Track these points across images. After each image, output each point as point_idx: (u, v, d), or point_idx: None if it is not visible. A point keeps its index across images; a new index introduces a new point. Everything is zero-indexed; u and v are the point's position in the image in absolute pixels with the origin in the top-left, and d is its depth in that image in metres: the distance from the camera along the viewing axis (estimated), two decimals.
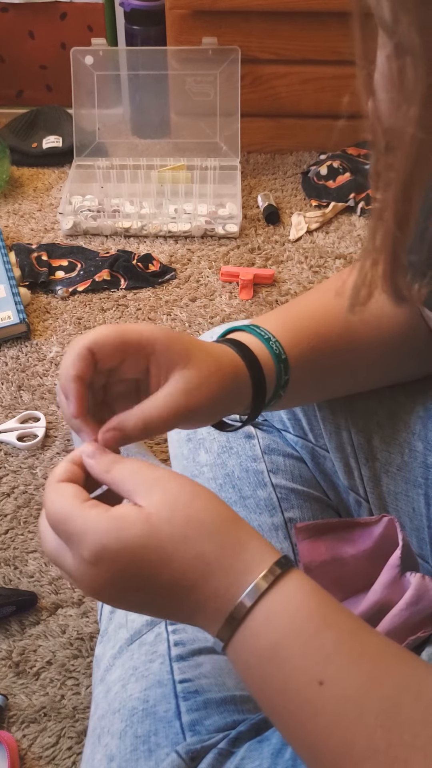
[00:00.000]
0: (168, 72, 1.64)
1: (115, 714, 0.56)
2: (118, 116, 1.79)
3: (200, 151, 1.65)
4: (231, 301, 1.38)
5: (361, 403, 0.68)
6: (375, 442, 0.67)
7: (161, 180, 1.58)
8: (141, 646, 0.60)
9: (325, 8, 1.51)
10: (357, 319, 0.60)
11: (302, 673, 0.40)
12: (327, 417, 0.69)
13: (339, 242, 1.52)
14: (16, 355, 1.27)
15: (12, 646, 0.89)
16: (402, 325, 0.62)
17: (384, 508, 0.67)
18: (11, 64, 1.88)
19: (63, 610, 0.93)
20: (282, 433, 0.73)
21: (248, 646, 0.42)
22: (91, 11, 1.80)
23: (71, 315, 1.35)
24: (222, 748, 0.51)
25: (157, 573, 0.43)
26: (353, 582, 0.60)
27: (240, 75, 1.60)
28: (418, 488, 0.64)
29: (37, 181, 1.70)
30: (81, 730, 0.82)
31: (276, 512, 0.67)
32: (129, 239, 1.53)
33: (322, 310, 0.61)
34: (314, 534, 0.61)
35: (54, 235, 1.54)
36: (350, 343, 0.61)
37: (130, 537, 0.43)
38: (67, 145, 1.72)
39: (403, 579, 0.55)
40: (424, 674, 0.40)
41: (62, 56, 1.76)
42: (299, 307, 0.63)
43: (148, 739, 0.53)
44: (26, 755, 0.81)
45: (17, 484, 1.07)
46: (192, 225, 1.51)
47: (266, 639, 0.42)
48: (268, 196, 1.61)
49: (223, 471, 0.70)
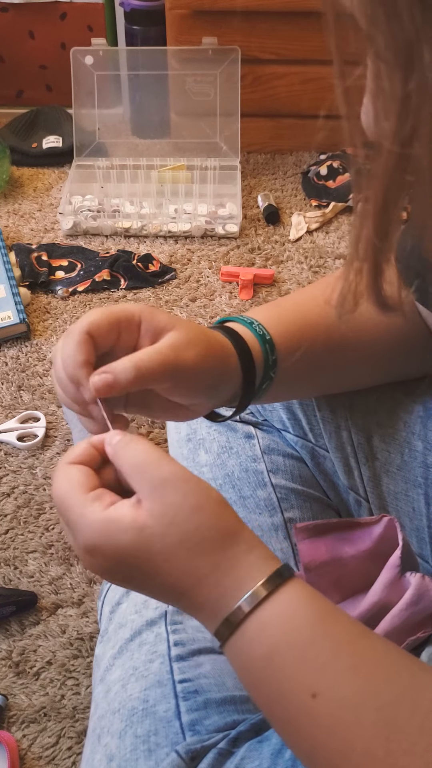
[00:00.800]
0: (168, 72, 1.64)
1: (115, 714, 0.56)
2: (118, 116, 1.79)
3: (200, 151, 1.65)
4: (231, 301, 1.38)
5: (361, 403, 0.68)
6: (375, 442, 0.67)
7: (161, 180, 1.58)
8: (141, 646, 0.60)
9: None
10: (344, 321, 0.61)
11: (295, 684, 0.41)
12: (327, 417, 0.69)
13: (339, 242, 1.52)
14: (16, 355, 1.27)
15: (12, 646, 0.89)
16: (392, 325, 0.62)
17: (384, 507, 0.67)
18: (11, 64, 1.88)
19: (63, 610, 0.93)
20: (282, 433, 0.73)
21: (243, 652, 0.43)
22: (91, 11, 1.80)
23: (71, 315, 1.35)
24: (222, 748, 0.51)
25: (149, 578, 0.44)
26: (353, 582, 0.60)
27: (240, 75, 1.60)
28: (418, 488, 0.64)
29: (37, 181, 1.70)
30: (81, 730, 0.82)
31: (276, 512, 0.67)
32: (129, 239, 1.53)
33: (309, 302, 0.62)
34: (314, 534, 0.61)
35: (54, 235, 1.54)
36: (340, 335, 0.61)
37: (119, 544, 0.43)
38: (67, 145, 1.72)
39: (403, 579, 0.55)
40: (422, 682, 0.40)
41: (62, 56, 1.76)
42: (285, 300, 0.65)
43: (148, 738, 0.53)
44: (26, 755, 0.81)
45: (17, 484, 1.07)
46: (192, 225, 1.51)
47: (260, 648, 0.42)
48: (268, 196, 1.61)
49: (222, 471, 0.70)
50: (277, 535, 0.66)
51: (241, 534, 0.45)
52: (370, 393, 0.68)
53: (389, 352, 0.63)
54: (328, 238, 1.53)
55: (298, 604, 0.43)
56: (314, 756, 0.40)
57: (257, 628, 0.42)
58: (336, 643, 0.42)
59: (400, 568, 0.55)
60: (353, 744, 0.39)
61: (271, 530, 0.66)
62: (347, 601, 0.60)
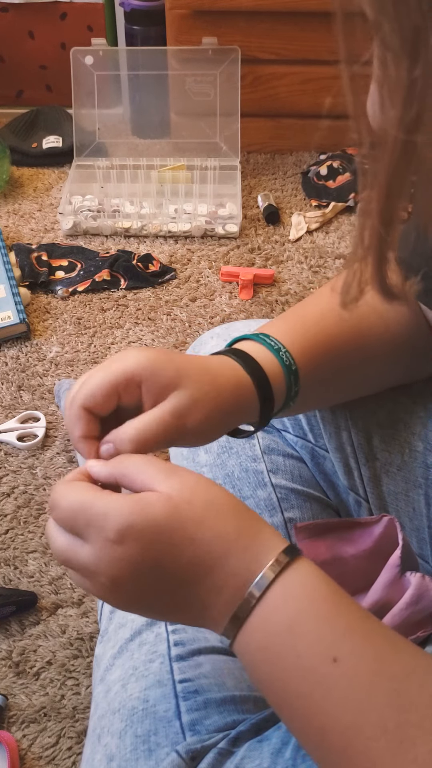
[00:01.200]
0: (168, 72, 1.64)
1: (115, 714, 0.56)
2: (118, 116, 1.79)
3: (200, 151, 1.65)
4: (231, 301, 1.38)
5: (361, 403, 0.68)
6: (375, 442, 0.67)
7: (161, 180, 1.58)
8: (141, 646, 0.60)
9: (325, 8, 1.49)
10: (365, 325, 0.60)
11: (317, 650, 0.42)
12: (327, 417, 0.69)
13: (339, 242, 1.52)
14: (16, 355, 1.27)
15: (12, 646, 0.89)
16: (407, 325, 0.62)
17: (384, 508, 0.67)
18: (11, 64, 1.88)
19: (63, 610, 0.93)
20: (282, 433, 0.73)
21: (266, 623, 0.43)
22: (91, 11, 1.80)
23: (71, 315, 1.35)
24: (222, 747, 0.51)
25: (179, 553, 0.44)
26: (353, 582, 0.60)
27: (240, 75, 1.60)
28: (418, 488, 0.64)
29: (37, 181, 1.70)
30: (81, 730, 0.82)
31: (276, 512, 0.67)
32: (129, 239, 1.53)
33: (330, 315, 0.61)
34: (314, 534, 0.61)
35: (54, 235, 1.54)
36: (359, 346, 0.61)
37: (154, 515, 0.44)
38: (67, 145, 1.72)
39: (403, 579, 0.55)
40: (428, 664, 0.41)
41: (62, 56, 1.76)
42: (306, 310, 0.63)
43: (148, 738, 0.53)
44: (26, 755, 0.81)
45: (17, 484, 1.07)
46: (192, 225, 1.51)
47: (284, 615, 0.43)
48: (268, 196, 1.61)
49: (222, 471, 0.70)
50: None
51: (253, 511, 0.47)
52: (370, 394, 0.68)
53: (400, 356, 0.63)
54: (328, 238, 1.53)
55: (318, 579, 0.44)
56: (326, 735, 0.41)
57: (282, 595, 0.43)
58: (351, 616, 0.43)
59: (400, 567, 0.55)
60: (366, 715, 0.39)
61: None
62: None
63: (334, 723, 0.40)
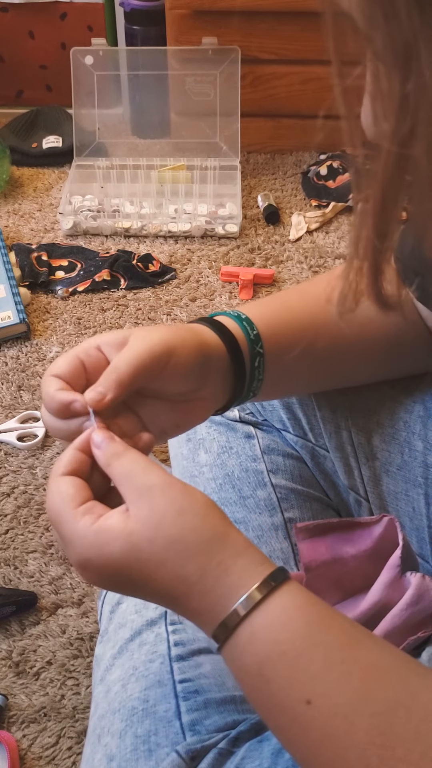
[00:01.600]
0: (168, 72, 1.64)
1: (115, 714, 0.56)
2: (118, 116, 1.79)
3: (200, 151, 1.65)
4: (231, 301, 1.38)
5: (362, 403, 0.68)
6: (375, 442, 0.67)
7: (161, 180, 1.58)
8: (141, 646, 0.60)
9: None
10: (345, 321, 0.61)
11: (288, 692, 0.41)
12: (327, 417, 0.69)
13: (339, 242, 1.52)
14: (16, 355, 1.27)
15: (12, 646, 0.89)
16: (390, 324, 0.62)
17: (384, 507, 0.67)
18: (11, 64, 1.88)
19: (63, 610, 0.93)
20: (282, 433, 0.73)
21: (237, 659, 0.43)
22: (91, 11, 1.80)
23: (71, 315, 1.35)
24: (222, 747, 0.51)
25: (142, 587, 0.45)
26: (353, 582, 0.60)
27: (240, 75, 1.60)
28: (418, 488, 0.64)
29: (37, 181, 1.70)
30: (81, 730, 0.82)
31: (276, 512, 0.67)
32: (129, 239, 1.53)
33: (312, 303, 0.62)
34: (314, 534, 0.61)
35: (54, 235, 1.54)
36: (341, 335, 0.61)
37: (110, 554, 0.44)
38: (67, 145, 1.72)
39: (404, 579, 0.55)
40: (417, 687, 0.40)
41: (62, 56, 1.76)
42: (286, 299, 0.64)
43: (148, 738, 0.53)
44: (26, 755, 0.81)
45: (17, 484, 1.07)
46: (192, 225, 1.51)
47: (252, 657, 0.42)
48: (268, 196, 1.61)
49: (222, 471, 0.70)
50: (277, 535, 0.66)
51: (228, 537, 0.44)
52: (370, 393, 0.68)
53: (388, 351, 0.63)
54: (328, 238, 1.53)
55: (290, 611, 0.42)
56: (310, 761, 0.41)
57: (248, 639, 0.42)
58: (329, 649, 0.41)
59: (401, 567, 0.55)
60: (346, 753, 0.39)
61: (271, 530, 0.66)
62: (347, 601, 0.60)
63: (315, 758, 0.40)
